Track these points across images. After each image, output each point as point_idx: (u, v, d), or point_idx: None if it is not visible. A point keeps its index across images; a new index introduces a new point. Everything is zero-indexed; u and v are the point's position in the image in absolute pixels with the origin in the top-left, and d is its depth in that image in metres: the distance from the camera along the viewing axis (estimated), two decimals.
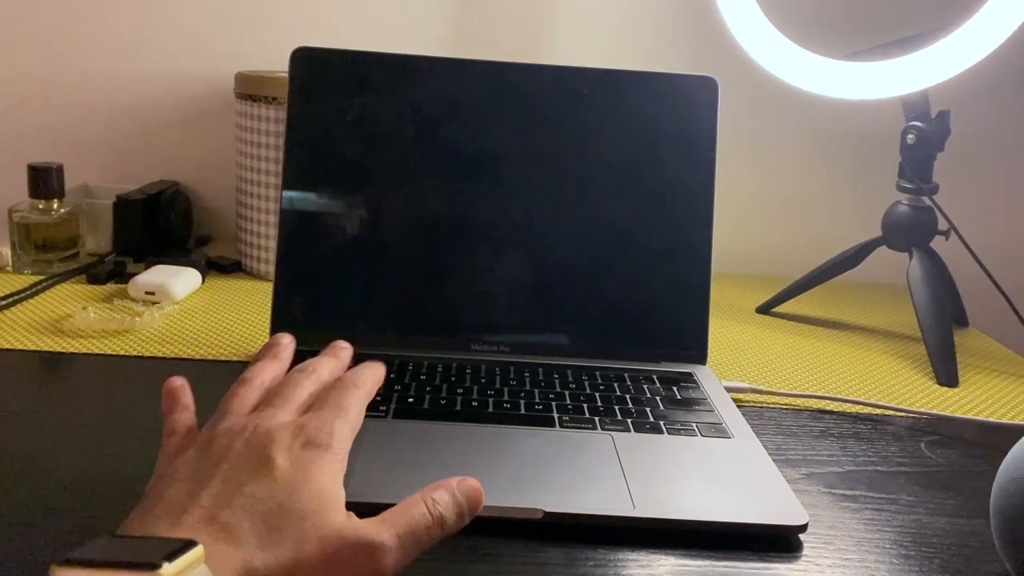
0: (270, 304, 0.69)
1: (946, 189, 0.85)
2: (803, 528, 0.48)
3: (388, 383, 0.62)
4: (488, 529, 0.46)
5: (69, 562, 0.30)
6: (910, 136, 0.82)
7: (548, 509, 0.47)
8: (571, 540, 0.47)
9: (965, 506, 0.54)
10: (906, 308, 0.92)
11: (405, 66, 0.71)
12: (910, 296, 0.83)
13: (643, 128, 0.72)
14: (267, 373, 0.46)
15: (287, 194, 0.70)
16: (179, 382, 0.45)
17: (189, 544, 0.31)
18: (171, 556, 0.30)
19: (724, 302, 0.95)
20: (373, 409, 0.57)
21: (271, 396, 0.43)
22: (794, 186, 1.08)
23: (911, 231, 0.84)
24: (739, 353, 0.80)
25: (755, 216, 1.09)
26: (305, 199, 0.70)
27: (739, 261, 1.08)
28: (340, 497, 0.38)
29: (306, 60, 0.71)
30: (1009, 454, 0.46)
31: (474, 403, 0.60)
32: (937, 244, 0.85)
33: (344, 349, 0.50)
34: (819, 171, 1.08)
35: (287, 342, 0.49)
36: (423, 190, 0.71)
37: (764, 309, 0.93)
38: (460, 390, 0.62)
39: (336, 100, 0.71)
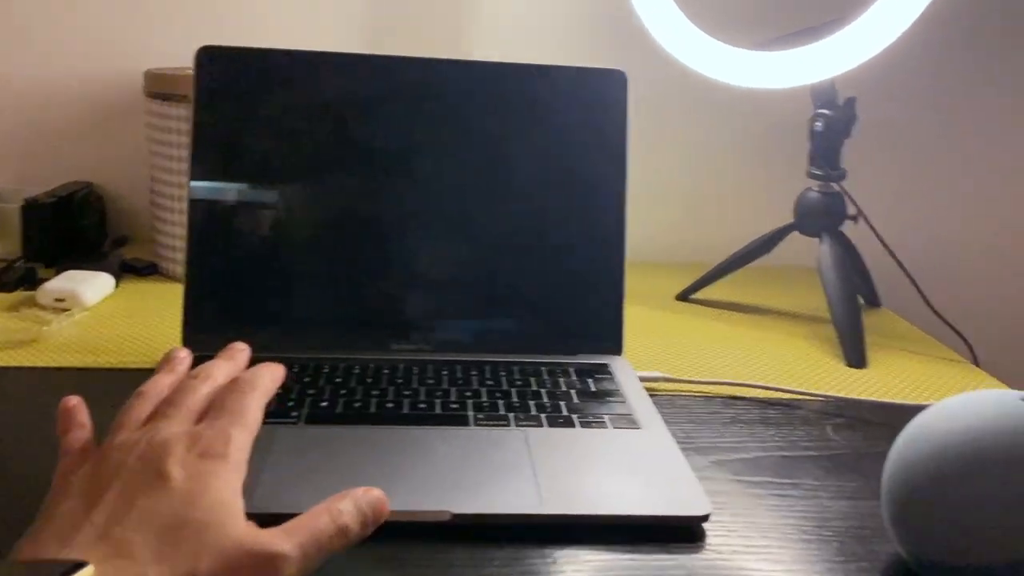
0: None
1: (856, 174, 0.88)
2: (705, 518, 0.49)
3: (301, 387, 0.61)
4: (396, 534, 0.46)
5: None
6: (817, 123, 0.84)
7: (456, 511, 0.48)
8: (479, 541, 0.47)
9: (865, 488, 0.56)
10: (821, 291, 0.94)
11: (314, 63, 0.70)
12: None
13: (554, 122, 0.72)
14: (162, 384, 0.45)
15: (195, 196, 0.68)
16: (74, 401, 0.44)
17: (78, 565, 0.31)
18: None
19: (645, 290, 0.96)
20: (284, 415, 0.57)
21: (164, 406, 0.43)
22: (713, 175, 1.10)
23: (821, 216, 0.86)
24: (659, 341, 0.81)
25: (676, 205, 1.10)
26: (214, 201, 0.69)
27: (661, 249, 1.09)
28: (239, 507, 0.38)
29: (212, 60, 0.70)
30: (898, 438, 0.47)
31: (389, 405, 0.60)
32: (850, 227, 0.87)
33: (241, 351, 0.50)
34: (734, 159, 1.10)
35: (183, 355, 0.49)
36: (336, 189, 0.70)
37: (683, 296, 0.95)
38: (376, 392, 0.62)
39: (244, 100, 0.70)
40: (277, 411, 0.57)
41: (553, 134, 0.72)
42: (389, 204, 0.70)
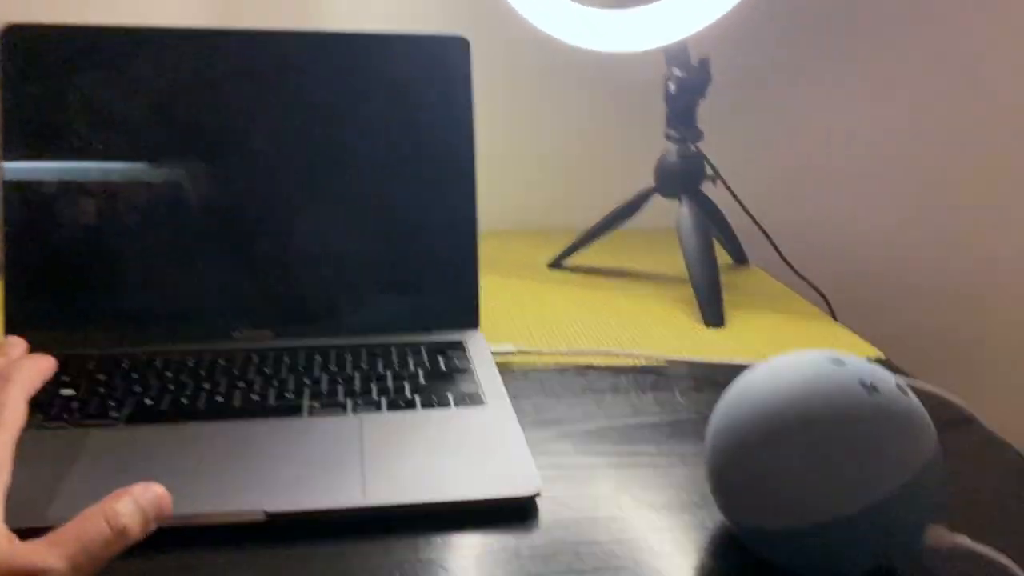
0: None
1: (714, 134, 0.87)
2: (534, 497, 0.49)
3: (127, 384, 0.58)
4: (206, 539, 0.44)
5: None
6: (671, 84, 0.84)
7: (271, 509, 0.46)
8: (298, 540, 0.45)
9: (702, 452, 0.56)
10: None
11: (132, 39, 0.66)
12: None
13: (395, 92, 0.69)
14: None
15: (8, 185, 0.64)
16: None
17: None
18: None
19: (516, 259, 0.95)
20: (102, 416, 0.54)
21: None
22: (582, 139, 1.09)
23: (679, 178, 0.86)
24: (528, 311, 0.80)
25: (548, 171, 1.09)
26: (30, 190, 0.64)
27: (536, 216, 1.08)
28: None
29: (19, 37, 0.65)
30: (716, 408, 0.47)
31: (219, 399, 0.57)
32: (717, 186, 0.87)
33: (15, 346, 0.47)
34: (601, 122, 1.08)
35: None
36: (167, 171, 0.66)
37: (555, 263, 0.94)
38: (207, 385, 0.59)
39: (57, 80, 0.65)
40: (95, 412, 0.54)
41: (395, 105, 0.69)
42: (224, 185, 0.67)
